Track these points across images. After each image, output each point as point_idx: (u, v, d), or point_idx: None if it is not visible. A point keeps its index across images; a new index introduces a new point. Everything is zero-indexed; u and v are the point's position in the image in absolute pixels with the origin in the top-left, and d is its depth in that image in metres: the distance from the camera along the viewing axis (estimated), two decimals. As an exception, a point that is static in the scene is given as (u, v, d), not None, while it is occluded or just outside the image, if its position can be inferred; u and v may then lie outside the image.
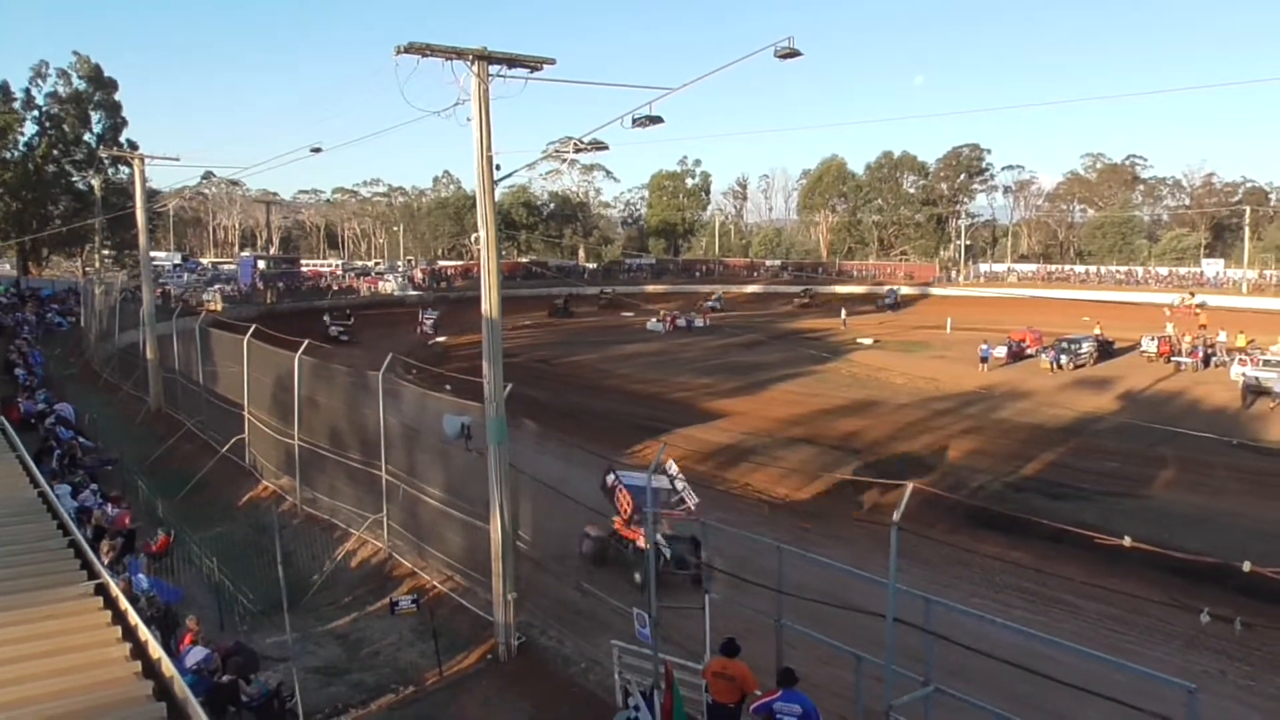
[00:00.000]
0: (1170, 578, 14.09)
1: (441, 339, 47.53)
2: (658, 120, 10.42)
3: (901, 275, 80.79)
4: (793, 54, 9.56)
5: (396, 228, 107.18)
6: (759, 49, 9.64)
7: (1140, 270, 73.43)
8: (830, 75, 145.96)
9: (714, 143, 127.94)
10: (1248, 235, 71.36)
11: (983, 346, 39.90)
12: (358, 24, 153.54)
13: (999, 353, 39.98)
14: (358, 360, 25.97)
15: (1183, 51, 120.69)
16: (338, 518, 17.09)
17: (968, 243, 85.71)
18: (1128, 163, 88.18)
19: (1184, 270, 70.79)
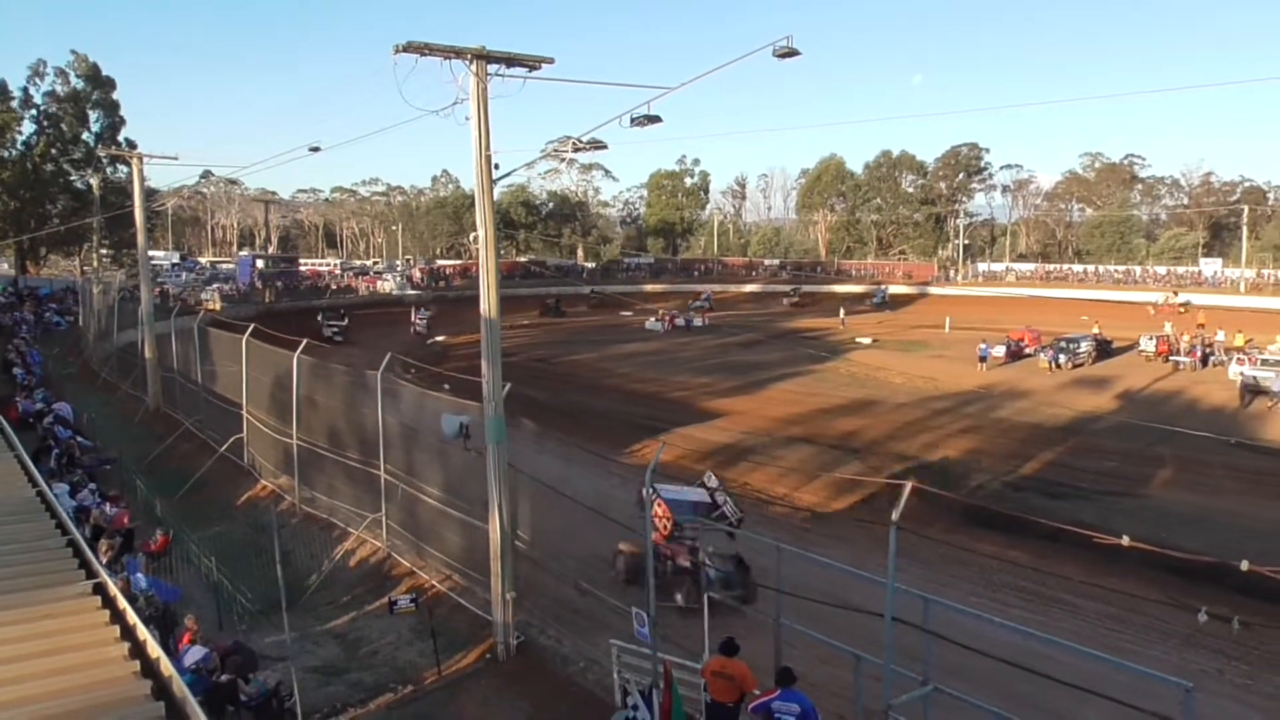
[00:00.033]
0: (1168, 577, 14.11)
1: (440, 338, 47.44)
2: (656, 119, 10.42)
3: (900, 274, 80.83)
4: (791, 53, 9.56)
5: (395, 227, 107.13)
6: (758, 48, 9.65)
7: (1138, 270, 73.49)
8: (829, 75, 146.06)
9: (713, 142, 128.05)
10: (1245, 234, 71.45)
11: (981, 346, 39.91)
12: (356, 23, 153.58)
13: (997, 352, 39.99)
14: (356, 360, 25.99)
15: (1181, 51, 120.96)
16: (336, 517, 17.08)
17: (966, 242, 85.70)
18: (1126, 162, 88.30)
19: (1182, 270, 70.87)
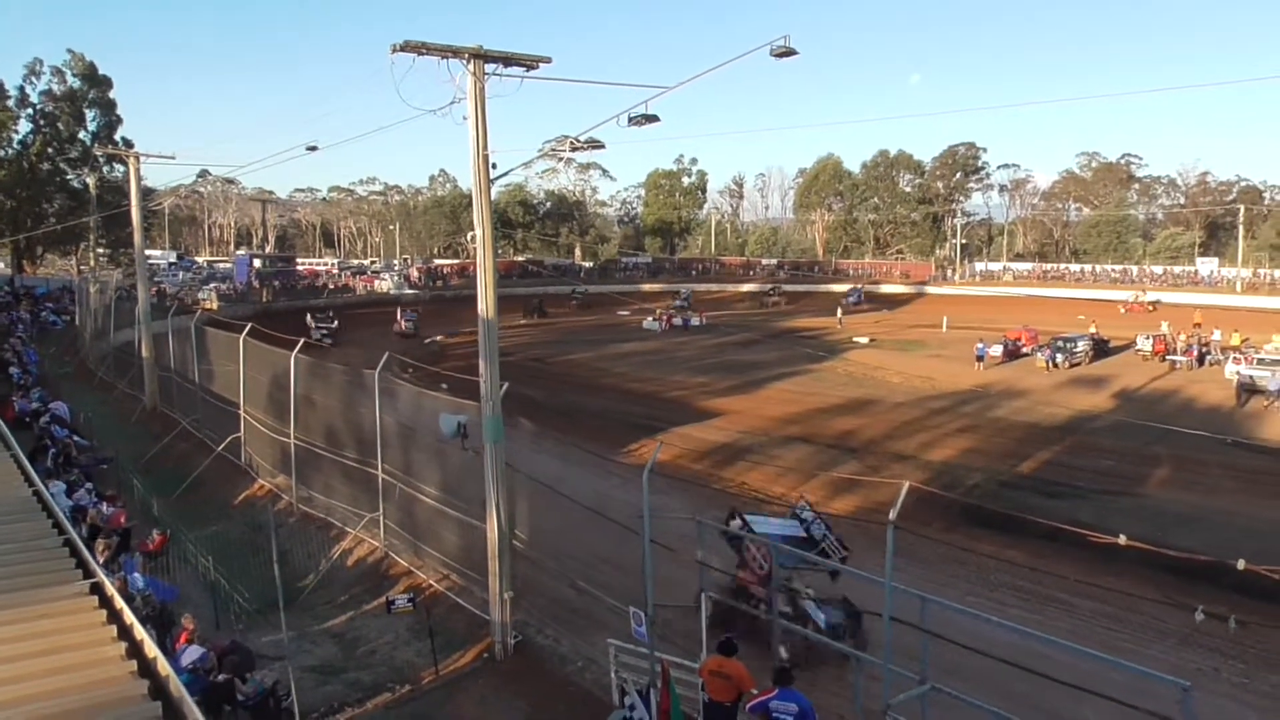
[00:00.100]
0: (1165, 576, 14.12)
1: (439, 338, 47.33)
2: (654, 119, 10.42)
3: (897, 274, 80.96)
4: (789, 53, 9.56)
5: (392, 226, 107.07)
6: (755, 48, 9.65)
7: (1135, 269, 73.62)
8: (826, 74, 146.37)
9: (710, 141, 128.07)
10: (1242, 234, 71.60)
11: (978, 345, 39.94)
12: (354, 23, 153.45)
13: (995, 351, 40.01)
14: (354, 359, 25.94)
15: (1178, 51, 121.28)
16: (334, 516, 17.07)
17: (963, 241, 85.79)
18: (1123, 161, 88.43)
19: (1179, 269, 71.03)
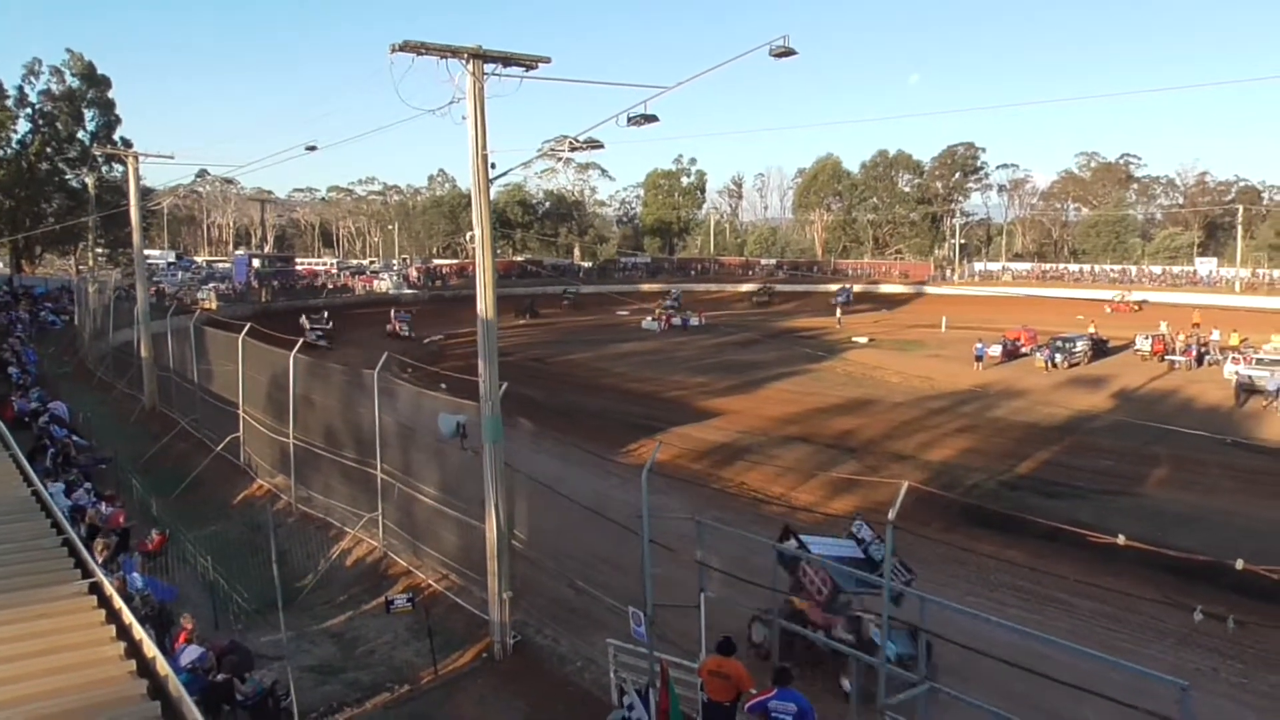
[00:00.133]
0: (1164, 576, 14.13)
1: (437, 337, 47.31)
2: (653, 119, 10.42)
3: (896, 274, 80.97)
4: (788, 53, 9.56)
5: (391, 226, 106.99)
6: (754, 48, 9.65)
7: (1134, 269, 73.67)
8: (825, 74, 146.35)
9: (709, 141, 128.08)
10: (1240, 234, 71.65)
11: (978, 345, 39.96)
12: (354, 23, 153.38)
13: (994, 351, 40.03)
14: (352, 359, 25.94)
15: (1177, 51, 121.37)
16: (333, 516, 17.06)
17: (962, 241, 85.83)
18: (1122, 161, 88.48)
19: (1177, 269, 71.09)
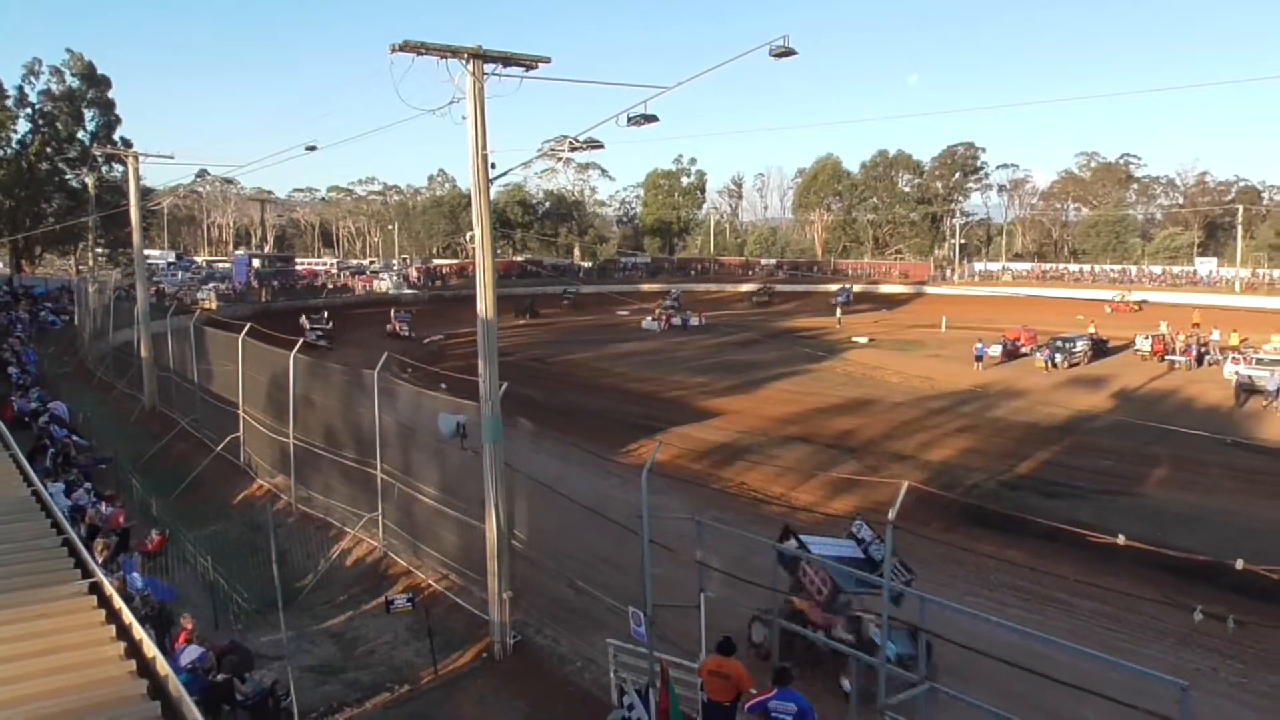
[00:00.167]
0: (1163, 576, 14.13)
1: (438, 337, 47.30)
2: (653, 119, 10.42)
3: (896, 274, 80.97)
4: (787, 53, 9.56)
5: (391, 226, 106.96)
6: (754, 48, 9.65)
7: (1134, 269, 73.68)
8: (825, 74, 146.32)
9: (709, 141, 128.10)
10: (1240, 234, 71.65)
11: (978, 345, 39.97)
12: (353, 23, 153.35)
13: (994, 351, 40.03)
14: (352, 359, 25.94)
15: (1177, 51, 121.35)
16: (333, 516, 17.06)
17: (962, 241, 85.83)
18: (1122, 161, 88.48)
19: (1177, 269, 71.10)
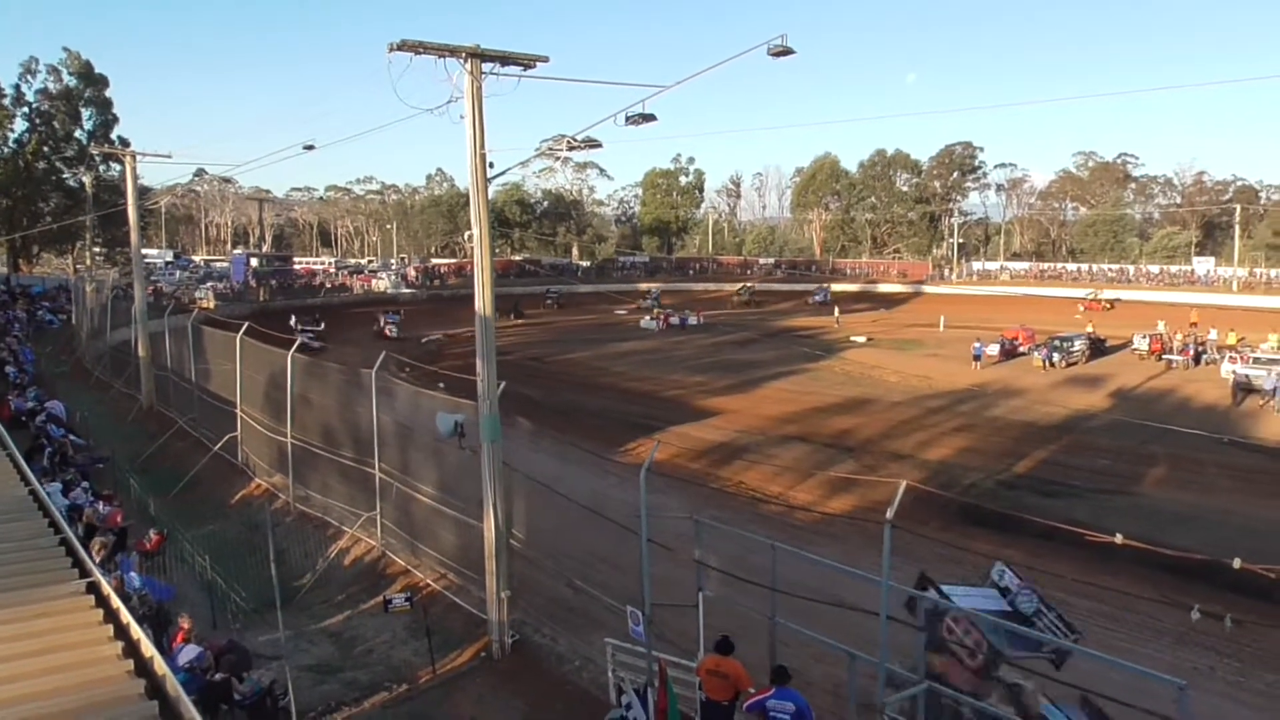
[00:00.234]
0: (1161, 575, 14.15)
1: (436, 336, 47.28)
2: (651, 118, 10.41)
3: (895, 273, 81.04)
4: (786, 52, 9.55)
5: (390, 225, 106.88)
6: (752, 47, 9.64)
7: (1132, 269, 73.78)
8: (823, 73, 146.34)
9: (708, 141, 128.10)
10: (1238, 233, 71.79)
11: (975, 344, 40.05)
12: (352, 22, 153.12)
13: (992, 350, 40.10)
14: (350, 359, 25.91)
15: (1176, 51, 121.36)
16: (331, 515, 17.05)
17: (960, 240, 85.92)
18: (1119, 161, 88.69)
19: (1175, 268, 71.20)
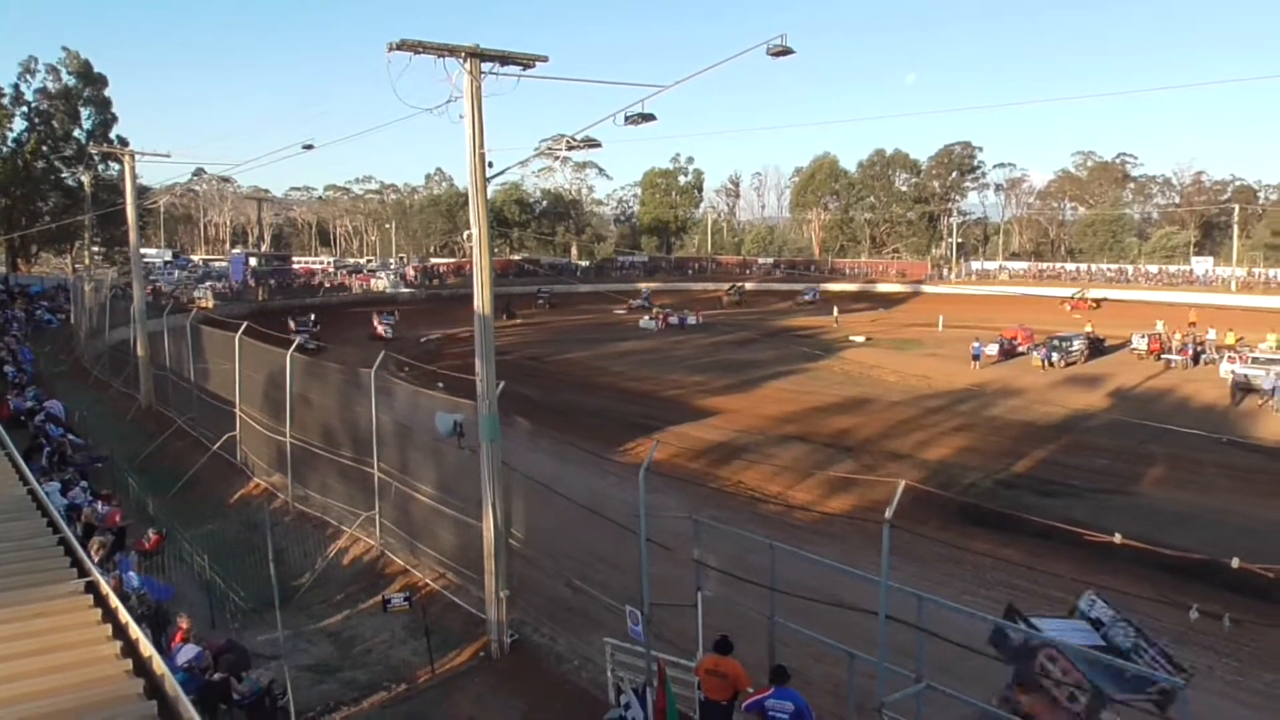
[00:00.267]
0: (1159, 574, 14.16)
1: (435, 336, 47.27)
2: (650, 118, 10.41)
3: (894, 273, 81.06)
4: (785, 52, 9.55)
5: (389, 225, 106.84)
6: (752, 47, 9.63)
7: (1130, 268, 73.84)
8: (823, 73, 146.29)
9: (707, 140, 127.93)
10: (1236, 233, 71.85)
11: (974, 344, 40.07)
12: (351, 21, 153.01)
13: (991, 350, 40.13)
14: (349, 358, 25.90)
15: (1175, 51, 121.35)
16: (330, 515, 17.04)
17: (959, 240, 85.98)
18: (1118, 161, 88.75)
19: (1174, 268, 71.26)
